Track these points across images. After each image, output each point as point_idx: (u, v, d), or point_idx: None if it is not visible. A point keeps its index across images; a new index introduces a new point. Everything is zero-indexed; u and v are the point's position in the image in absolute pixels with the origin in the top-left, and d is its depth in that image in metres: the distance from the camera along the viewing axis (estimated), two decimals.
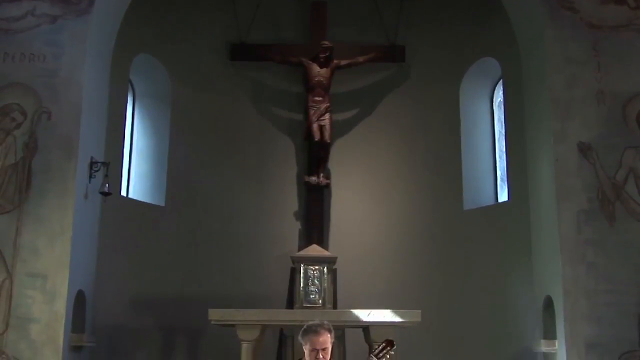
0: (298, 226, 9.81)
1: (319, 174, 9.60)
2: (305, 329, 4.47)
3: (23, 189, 7.12)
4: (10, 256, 6.97)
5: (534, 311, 7.93)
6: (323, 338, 4.41)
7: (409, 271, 9.47)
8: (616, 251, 6.97)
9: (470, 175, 9.68)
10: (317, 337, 4.40)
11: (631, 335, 6.80)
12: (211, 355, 9.16)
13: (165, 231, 9.40)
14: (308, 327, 4.48)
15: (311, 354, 4.40)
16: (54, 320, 6.86)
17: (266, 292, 9.21)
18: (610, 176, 7.16)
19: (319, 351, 4.38)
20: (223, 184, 9.84)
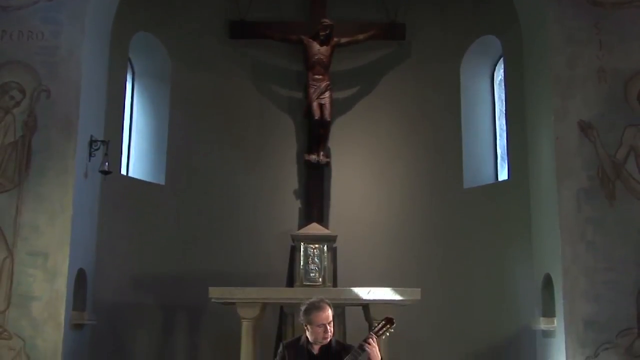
0: (298, 204, 9.83)
1: (319, 153, 9.59)
2: (308, 308, 4.50)
3: (23, 167, 7.12)
4: (11, 235, 6.99)
5: (533, 289, 7.97)
6: (327, 312, 4.47)
7: (408, 249, 9.50)
8: (616, 229, 6.99)
9: (470, 153, 9.67)
10: (322, 312, 4.45)
11: (629, 313, 6.84)
12: (211, 333, 9.22)
13: (165, 210, 9.42)
14: (310, 305, 4.52)
15: (318, 330, 4.44)
16: (55, 298, 6.90)
17: (266, 270, 9.25)
18: (611, 154, 7.15)
19: (326, 325, 4.43)
20: (223, 163, 9.83)
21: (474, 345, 8.90)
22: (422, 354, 9.00)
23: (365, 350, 4.30)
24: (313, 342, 4.46)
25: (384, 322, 4.43)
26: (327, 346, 4.47)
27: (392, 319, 4.45)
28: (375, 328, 4.43)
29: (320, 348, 4.46)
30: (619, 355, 6.75)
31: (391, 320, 4.44)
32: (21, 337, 6.79)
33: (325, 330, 4.41)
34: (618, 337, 6.80)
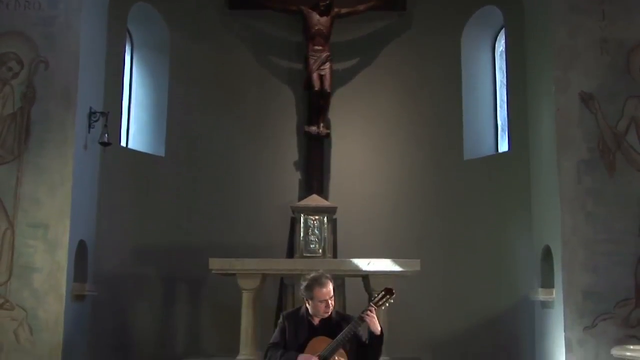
0: (298, 176, 9.82)
1: (319, 124, 9.56)
2: (309, 284, 4.52)
3: (22, 139, 7.10)
4: (11, 206, 7.00)
5: (533, 260, 8.00)
6: (328, 288, 4.49)
7: (408, 221, 9.51)
8: (615, 201, 6.99)
9: (471, 125, 9.64)
10: (324, 288, 4.48)
11: (627, 284, 6.87)
12: (212, 304, 9.28)
13: (165, 181, 9.42)
14: (312, 280, 4.53)
15: (320, 305, 4.46)
16: (56, 269, 6.93)
17: (266, 241, 9.27)
18: (612, 126, 7.13)
19: (328, 300, 4.45)
20: (223, 134, 9.81)
21: (473, 316, 8.96)
22: (422, 324, 9.06)
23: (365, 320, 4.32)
24: (314, 315, 4.49)
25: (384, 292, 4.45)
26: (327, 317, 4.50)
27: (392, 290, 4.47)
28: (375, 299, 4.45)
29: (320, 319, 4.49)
30: (616, 326, 6.80)
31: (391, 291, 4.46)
32: (23, 308, 6.84)
33: (327, 305, 4.43)
34: (616, 307, 6.84)
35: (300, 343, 4.41)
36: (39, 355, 6.76)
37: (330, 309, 4.45)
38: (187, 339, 9.34)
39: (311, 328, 4.47)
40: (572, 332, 6.84)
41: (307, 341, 4.39)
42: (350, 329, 4.30)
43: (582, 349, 6.79)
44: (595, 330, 6.81)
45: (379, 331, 4.37)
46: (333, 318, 4.51)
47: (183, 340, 9.33)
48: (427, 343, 8.99)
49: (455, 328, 9.02)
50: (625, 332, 6.74)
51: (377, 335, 4.38)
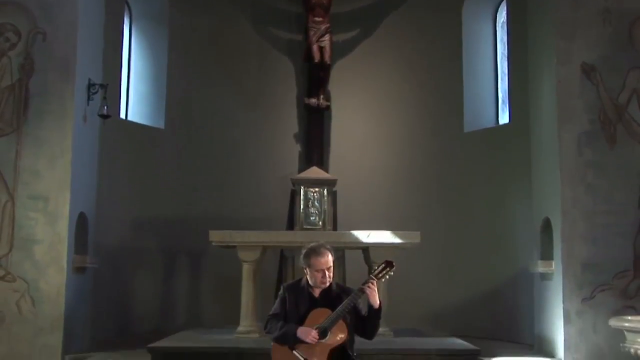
0: (298, 148, 9.82)
1: (319, 96, 9.54)
2: (308, 252, 4.52)
3: (21, 111, 7.07)
4: (11, 178, 6.99)
5: (532, 232, 8.02)
6: (326, 258, 4.48)
7: (408, 193, 9.53)
8: (615, 173, 6.98)
9: (471, 97, 9.62)
10: (321, 258, 4.47)
11: (626, 256, 6.89)
12: (212, 276, 9.33)
13: (165, 153, 9.42)
14: (310, 249, 4.53)
15: (317, 274, 4.47)
16: (57, 241, 6.94)
17: (266, 214, 9.30)
18: (613, 97, 7.09)
19: (325, 271, 4.45)
20: (222, 106, 9.78)
21: (472, 288, 9.02)
22: (422, 296, 9.12)
23: (365, 293, 4.34)
24: (312, 285, 4.50)
25: (384, 265, 4.45)
26: (327, 289, 4.51)
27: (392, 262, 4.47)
28: (375, 271, 4.46)
29: (320, 291, 4.50)
30: (614, 297, 6.83)
31: (391, 263, 4.46)
32: (25, 280, 6.87)
33: (324, 276, 4.43)
34: (614, 279, 6.87)
35: (301, 314, 4.42)
36: (41, 326, 6.81)
37: (327, 279, 4.45)
38: (188, 311, 9.42)
39: (311, 300, 4.48)
40: (570, 303, 6.88)
41: (307, 312, 4.41)
42: (350, 301, 4.31)
43: (581, 320, 6.84)
44: (594, 302, 6.85)
45: (377, 304, 4.39)
46: (333, 290, 4.52)
47: (184, 312, 9.40)
48: (426, 315, 9.07)
49: (455, 300, 9.09)
50: (624, 303, 6.78)
51: (376, 308, 4.40)
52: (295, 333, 4.33)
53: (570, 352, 6.81)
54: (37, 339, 6.78)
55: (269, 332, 4.49)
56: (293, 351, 4.33)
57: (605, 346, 6.66)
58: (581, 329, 6.83)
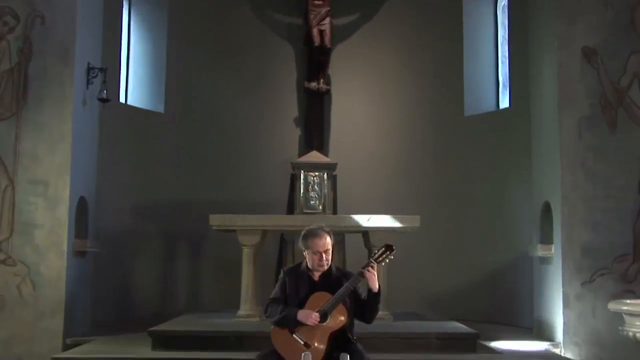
0: (298, 132, 9.80)
1: (319, 80, 9.51)
2: (306, 234, 4.53)
3: (20, 95, 7.05)
4: (11, 163, 6.99)
5: (532, 217, 8.03)
6: (324, 240, 4.47)
7: (408, 177, 9.53)
8: (616, 157, 6.98)
9: (472, 81, 9.59)
10: (319, 240, 4.46)
11: (626, 240, 6.90)
12: (212, 260, 9.35)
13: (165, 138, 9.41)
14: (308, 231, 4.54)
15: (314, 257, 4.47)
16: (57, 226, 6.96)
17: (266, 198, 9.31)
18: (614, 82, 7.07)
19: (322, 253, 4.45)
20: (222, 90, 9.76)
21: (472, 272, 9.04)
22: (421, 280, 9.15)
23: (364, 276, 4.34)
24: (311, 268, 4.51)
25: (384, 249, 4.45)
26: (327, 272, 4.51)
27: (392, 246, 4.47)
28: (375, 255, 4.46)
29: (320, 274, 4.51)
30: (614, 281, 6.85)
31: (391, 247, 4.46)
32: (25, 264, 6.89)
33: (321, 258, 4.43)
34: (614, 263, 6.88)
35: (301, 298, 4.43)
36: (42, 310, 6.84)
37: (324, 262, 4.45)
38: (188, 295, 9.45)
39: (311, 283, 4.49)
40: (570, 287, 6.90)
41: (307, 296, 4.41)
42: (350, 285, 4.32)
43: (580, 304, 6.86)
44: (593, 286, 6.87)
45: (377, 288, 4.39)
46: (333, 274, 4.53)
47: (184, 296, 9.43)
48: (426, 298, 9.10)
49: (455, 284, 9.11)
50: (623, 287, 6.80)
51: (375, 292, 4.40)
52: (295, 316, 4.34)
53: (569, 335, 6.84)
54: (38, 322, 6.82)
55: (269, 316, 4.50)
56: (293, 335, 4.34)
57: (604, 330, 6.69)
58: (580, 312, 6.85)
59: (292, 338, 4.33)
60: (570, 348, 6.80)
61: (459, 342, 6.30)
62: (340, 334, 4.38)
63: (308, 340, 4.30)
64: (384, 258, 4.45)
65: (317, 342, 4.30)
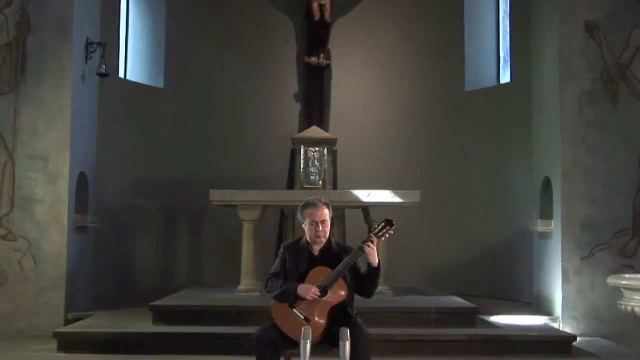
0: (298, 108, 9.77)
1: (319, 55, 9.45)
2: (304, 204, 4.53)
3: (19, 70, 7.01)
4: (10, 138, 6.97)
5: (532, 192, 8.03)
6: (322, 211, 4.47)
7: (408, 152, 9.52)
8: (617, 132, 6.97)
9: (473, 55, 9.53)
10: (316, 210, 4.46)
11: (625, 215, 6.92)
12: (212, 235, 9.37)
13: (165, 113, 9.38)
14: (306, 202, 4.54)
15: (311, 227, 4.46)
16: (57, 201, 6.96)
17: (266, 173, 9.30)
18: (616, 56, 7.03)
19: (318, 223, 4.45)
20: (222, 65, 9.70)
21: (472, 246, 9.06)
22: (421, 255, 9.18)
23: (364, 251, 4.34)
24: (310, 242, 4.51)
25: (384, 224, 4.45)
26: (327, 247, 4.51)
27: (392, 221, 4.46)
28: (375, 230, 4.46)
29: (320, 249, 4.51)
30: (612, 256, 6.88)
31: (390, 222, 4.45)
32: (26, 239, 6.90)
33: (317, 229, 4.42)
34: (613, 238, 6.91)
35: (301, 273, 4.43)
36: (43, 285, 6.87)
37: (320, 233, 4.43)
38: (189, 270, 9.48)
39: (311, 258, 4.49)
40: (569, 262, 6.93)
41: (307, 271, 4.41)
42: (350, 260, 4.32)
43: (579, 279, 6.89)
44: (592, 260, 6.89)
45: (377, 263, 4.40)
46: (333, 248, 4.53)
47: (184, 271, 9.47)
48: (426, 273, 9.13)
49: (454, 258, 9.14)
50: (622, 262, 6.83)
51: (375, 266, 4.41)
52: (295, 291, 4.35)
53: (568, 310, 6.89)
54: (39, 297, 6.85)
55: (269, 291, 4.51)
56: (293, 309, 4.36)
57: (602, 304, 6.73)
58: (579, 287, 6.89)
59: (292, 312, 4.35)
60: (569, 322, 6.85)
61: (458, 316, 6.33)
62: (340, 309, 4.39)
63: (308, 314, 4.32)
64: (384, 233, 4.45)
65: (317, 317, 4.31)
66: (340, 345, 3.99)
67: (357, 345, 4.13)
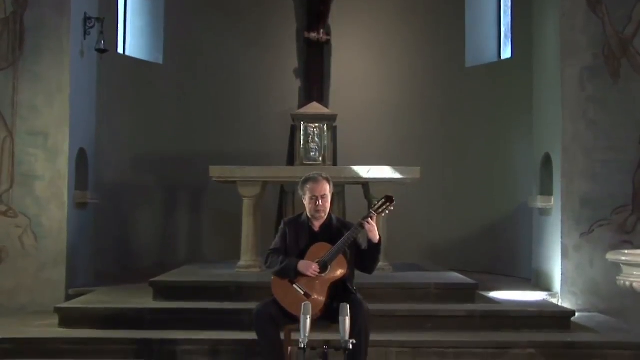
0: (298, 83, 9.72)
1: (319, 30, 9.38)
2: (304, 179, 4.55)
3: (17, 45, 6.97)
4: (10, 114, 6.95)
5: (532, 168, 8.03)
6: (322, 185, 4.48)
7: (409, 128, 9.50)
8: (618, 108, 6.94)
9: (473, 31, 9.48)
10: (316, 184, 4.47)
11: (626, 191, 6.91)
12: (212, 212, 9.38)
13: (164, 89, 9.35)
14: (307, 177, 4.56)
15: (311, 201, 4.48)
16: (57, 177, 6.96)
17: (266, 149, 9.29)
18: (619, 31, 6.97)
19: (318, 198, 4.45)
20: (221, 41, 9.65)
21: (472, 223, 9.09)
22: (421, 231, 9.20)
23: (364, 227, 4.35)
24: (311, 217, 4.51)
25: (384, 200, 4.45)
26: (327, 223, 4.53)
27: (392, 197, 4.47)
28: (375, 206, 4.46)
29: (320, 225, 4.52)
30: (612, 232, 6.89)
31: (391, 198, 4.46)
32: (26, 215, 6.91)
33: (317, 203, 4.43)
34: (613, 214, 6.91)
35: (301, 249, 4.45)
36: (44, 261, 6.89)
37: (320, 208, 4.44)
38: (189, 246, 9.51)
39: (312, 234, 4.50)
40: (568, 238, 6.94)
41: (307, 247, 4.43)
42: (350, 236, 4.34)
43: (578, 255, 6.91)
44: (592, 237, 6.91)
45: (377, 239, 4.41)
46: (333, 224, 4.54)
47: (185, 247, 9.50)
48: (426, 249, 9.17)
49: (454, 235, 9.17)
50: (621, 238, 6.84)
51: (375, 243, 4.42)
52: (295, 267, 4.37)
53: (567, 285, 6.92)
54: (40, 273, 6.88)
55: (269, 267, 4.53)
56: (293, 285, 4.38)
57: (601, 280, 6.76)
58: (578, 263, 6.91)
59: (293, 288, 4.37)
60: (568, 298, 6.88)
61: (457, 292, 6.36)
62: (340, 285, 4.42)
63: (308, 290, 4.34)
64: (384, 209, 4.46)
65: (317, 293, 4.34)
66: (340, 321, 4.02)
67: (357, 321, 4.16)
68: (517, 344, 5.43)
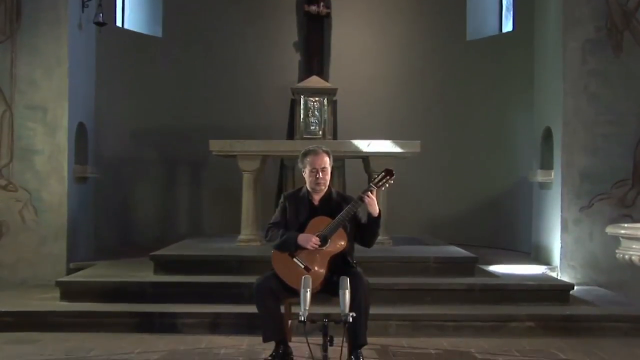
0: (298, 57, 9.67)
1: (319, 3, 9.32)
2: (304, 152, 4.54)
3: (14, 18, 6.91)
4: (8, 88, 6.92)
5: (533, 142, 8.01)
6: (322, 158, 4.47)
7: (409, 102, 9.46)
8: (620, 82, 6.89)
9: (475, 4, 9.42)
10: (316, 157, 4.46)
11: (626, 165, 6.90)
12: (212, 185, 9.39)
13: (164, 62, 9.30)
14: (307, 149, 4.55)
15: (311, 174, 4.47)
16: (57, 151, 6.95)
17: (266, 123, 9.27)
18: (622, 3, 6.91)
19: (318, 171, 4.45)
20: (221, 14, 9.57)
21: (472, 196, 9.10)
22: (422, 205, 9.21)
23: (364, 201, 4.35)
24: (311, 191, 4.51)
25: (384, 174, 4.44)
26: (327, 197, 4.52)
27: (392, 171, 4.46)
28: (375, 180, 4.45)
29: (320, 199, 4.52)
30: (611, 206, 6.89)
31: (391, 172, 4.45)
32: (27, 190, 6.92)
33: (317, 176, 4.43)
34: (613, 188, 6.91)
35: (301, 223, 4.45)
36: (45, 235, 6.91)
37: (320, 181, 4.44)
38: (189, 220, 9.53)
39: (312, 208, 4.50)
40: (568, 212, 6.95)
41: (307, 221, 4.43)
42: (350, 209, 4.33)
43: (578, 229, 6.92)
44: (591, 210, 6.91)
45: (377, 212, 4.41)
46: (333, 198, 4.54)
47: (185, 221, 9.52)
48: (426, 223, 9.18)
49: (454, 208, 9.19)
50: (620, 212, 6.85)
51: (375, 216, 4.42)
52: (296, 240, 4.37)
53: (566, 259, 6.94)
54: (41, 247, 6.90)
55: (269, 240, 4.54)
56: (293, 258, 4.39)
57: (600, 254, 6.78)
58: (578, 237, 6.92)
59: (293, 262, 4.38)
60: (567, 271, 6.90)
61: (457, 266, 6.37)
62: (340, 258, 4.42)
63: (308, 263, 4.35)
64: (384, 183, 4.45)
65: (317, 266, 4.35)
66: (340, 294, 4.02)
67: (356, 294, 4.17)
68: (516, 317, 5.46)
